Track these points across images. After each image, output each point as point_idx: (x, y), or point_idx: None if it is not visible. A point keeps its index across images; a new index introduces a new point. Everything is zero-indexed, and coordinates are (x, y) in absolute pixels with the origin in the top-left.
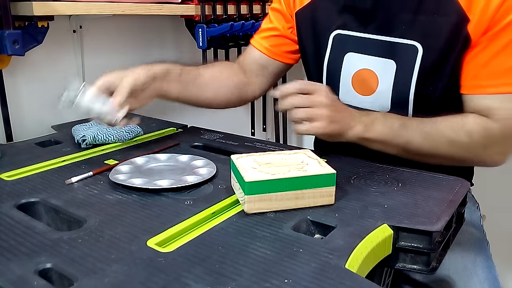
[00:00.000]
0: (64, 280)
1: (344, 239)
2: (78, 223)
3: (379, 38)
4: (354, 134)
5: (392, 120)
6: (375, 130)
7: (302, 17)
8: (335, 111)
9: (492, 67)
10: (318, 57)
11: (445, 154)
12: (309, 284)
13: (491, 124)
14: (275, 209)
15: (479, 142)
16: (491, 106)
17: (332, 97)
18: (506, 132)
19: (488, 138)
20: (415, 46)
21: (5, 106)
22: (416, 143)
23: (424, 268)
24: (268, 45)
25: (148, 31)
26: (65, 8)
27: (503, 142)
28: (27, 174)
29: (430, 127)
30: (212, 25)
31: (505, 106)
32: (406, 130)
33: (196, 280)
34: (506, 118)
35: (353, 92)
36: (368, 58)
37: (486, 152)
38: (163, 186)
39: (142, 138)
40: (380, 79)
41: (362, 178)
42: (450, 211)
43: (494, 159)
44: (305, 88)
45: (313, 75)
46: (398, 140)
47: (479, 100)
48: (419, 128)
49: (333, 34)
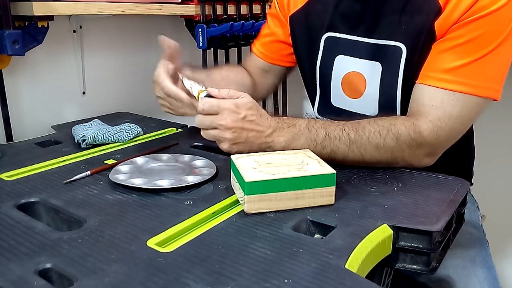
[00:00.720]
0: (64, 280)
1: (344, 239)
2: (78, 223)
3: (366, 40)
4: (276, 149)
5: (316, 132)
6: (297, 145)
7: (296, 20)
8: (240, 132)
9: (444, 60)
10: (311, 60)
11: (371, 159)
12: (309, 284)
13: (423, 125)
14: (275, 209)
15: (406, 144)
16: (429, 103)
17: (242, 116)
18: (438, 133)
19: (416, 140)
20: (399, 47)
21: (5, 106)
22: (341, 152)
23: (424, 268)
24: (266, 51)
25: (148, 31)
26: (65, 8)
27: (432, 144)
28: (27, 174)
29: (355, 134)
30: (212, 25)
31: (442, 107)
32: (330, 140)
33: (196, 280)
34: (439, 119)
35: (342, 95)
36: (357, 61)
37: (413, 155)
38: (163, 186)
39: (142, 138)
40: (368, 81)
41: (362, 178)
42: (450, 211)
43: (421, 161)
44: (210, 110)
45: (308, 78)
46: (322, 151)
47: (423, 92)
48: (343, 137)
49: (325, 36)
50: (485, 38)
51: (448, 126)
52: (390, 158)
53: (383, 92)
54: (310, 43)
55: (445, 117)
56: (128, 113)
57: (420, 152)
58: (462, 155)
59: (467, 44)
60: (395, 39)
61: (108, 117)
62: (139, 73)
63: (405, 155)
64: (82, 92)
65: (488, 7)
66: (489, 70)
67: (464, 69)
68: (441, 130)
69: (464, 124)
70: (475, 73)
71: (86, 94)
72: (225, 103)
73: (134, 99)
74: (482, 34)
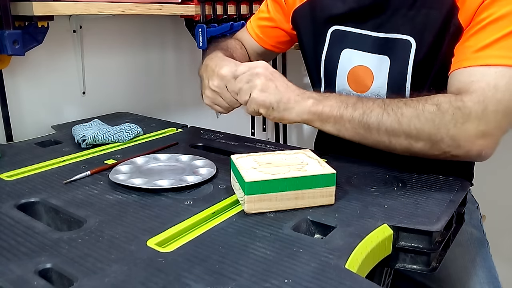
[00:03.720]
0: (64, 280)
1: (344, 239)
2: (78, 223)
3: (375, 34)
4: (300, 108)
5: (347, 97)
6: (327, 103)
7: (301, 13)
8: (269, 80)
9: (475, 42)
10: (316, 53)
11: (411, 128)
12: (309, 284)
13: (465, 97)
14: (275, 209)
15: (449, 114)
16: (469, 79)
17: (271, 70)
18: (485, 103)
19: (460, 110)
20: (408, 41)
21: (5, 106)
22: (375, 115)
23: (424, 268)
24: (264, 37)
25: (148, 31)
26: (65, 8)
27: (481, 117)
28: (27, 174)
29: (390, 101)
30: (212, 25)
31: (484, 80)
32: (362, 103)
33: (196, 280)
34: (483, 89)
35: (348, 89)
36: (364, 55)
37: (461, 130)
38: (163, 186)
39: (142, 138)
40: (375, 75)
41: (362, 178)
42: (450, 211)
43: (475, 143)
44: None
45: (312, 71)
46: (353, 114)
47: (459, 75)
48: (378, 101)
49: (331, 29)
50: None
51: (496, 97)
52: (434, 129)
53: (391, 86)
54: (316, 36)
55: (491, 87)
56: (128, 113)
57: (470, 127)
58: None
59: (494, 23)
60: (404, 32)
61: (108, 117)
62: (139, 73)
63: (450, 128)
64: (82, 92)
65: None
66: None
67: (500, 43)
68: (487, 100)
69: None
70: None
71: (86, 94)
72: (258, 62)
73: (134, 99)
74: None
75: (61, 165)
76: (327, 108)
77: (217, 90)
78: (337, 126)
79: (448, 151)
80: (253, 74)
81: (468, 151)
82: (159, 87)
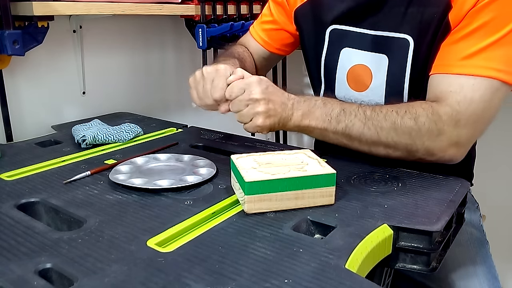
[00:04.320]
0: (64, 280)
1: (344, 239)
2: (78, 223)
3: (373, 33)
4: (293, 123)
5: (332, 106)
6: (313, 118)
7: (302, 12)
8: (268, 102)
9: (460, 48)
10: (316, 52)
11: (388, 140)
12: (309, 284)
13: (441, 108)
14: (275, 209)
15: (425, 128)
16: (448, 89)
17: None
18: (457, 118)
19: (435, 123)
20: (406, 40)
21: (5, 106)
22: (356, 128)
23: (424, 268)
24: (269, 40)
25: (148, 31)
26: (65, 8)
27: (453, 130)
28: (27, 174)
29: (371, 112)
30: (212, 25)
31: (462, 92)
32: (345, 115)
33: (196, 280)
34: (458, 102)
35: (347, 88)
36: (363, 54)
37: (435, 142)
38: (163, 186)
39: (142, 138)
40: (374, 74)
41: (362, 178)
42: (450, 211)
43: (447, 152)
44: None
45: (312, 70)
46: (337, 127)
47: (441, 80)
48: (359, 114)
49: (330, 29)
50: (499, 21)
51: (469, 111)
52: (409, 141)
53: (390, 84)
54: (316, 35)
55: (466, 101)
56: (128, 113)
57: (443, 139)
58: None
59: (481, 29)
60: (401, 31)
61: (108, 117)
62: (139, 73)
63: (425, 140)
64: (82, 92)
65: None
66: (508, 53)
67: (482, 54)
68: (460, 115)
69: (486, 110)
70: (494, 57)
71: (86, 94)
72: (247, 79)
73: (134, 99)
74: (496, 17)
75: (61, 165)
76: (313, 121)
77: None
78: (323, 136)
79: (423, 158)
80: (252, 100)
81: (441, 157)
82: (159, 87)
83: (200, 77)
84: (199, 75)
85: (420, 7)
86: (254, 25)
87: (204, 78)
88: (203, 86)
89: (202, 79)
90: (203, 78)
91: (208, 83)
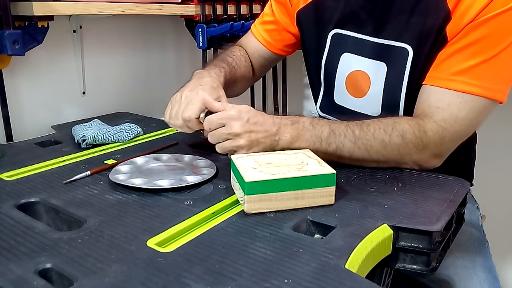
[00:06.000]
0: (64, 280)
1: (344, 239)
2: (78, 223)
3: (373, 40)
4: (281, 146)
5: (321, 128)
6: (303, 141)
7: (304, 15)
8: (250, 135)
9: (453, 62)
10: (317, 56)
11: (379, 157)
12: (309, 284)
13: (427, 125)
14: (275, 209)
15: (412, 143)
16: (436, 105)
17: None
18: (442, 134)
19: (421, 139)
20: (406, 49)
21: (5, 106)
22: (347, 149)
23: (424, 268)
24: (271, 40)
25: (148, 31)
26: (65, 8)
27: (437, 145)
28: (27, 174)
29: (360, 131)
30: (212, 25)
31: (448, 109)
32: (335, 137)
33: (196, 280)
34: (444, 120)
35: (346, 94)
36: (362, 60)
37: (420, 155)
38: (163, 186)
39: (142, 138)
40: (372, 81)
41: (362, 178)
42: (450, 211)
43: (430, 162)
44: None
45: (312, 73)
46: (328, 149)
47: (430, 93)
48: (349, 134)
49: (332, 33)
50: (494, 39)
51: (454, 128)
52: (398, 157)
53: (387, 93)
54: (317, 38)
55: (451, 119)
56: (128, 113)
57: (428, 152)
58: (463, 159)
59: (475, 45)
60: (402, 40)
61: (108, 117)
62: (139, 73)
63: (412, 154)
64: (82, 92)
65: (497, 9)
66: (498, 71)
67: (473, 71)
68: (445, 131)
69: (470, 127)
70: (484, 75)
71: (86, 94)
72: (226, 113)
73: (134, 99)
74: (491, 34)
75: (61, 165)
76: (303, 144)
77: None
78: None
79: (410, 168)
80: (231, 134)
81: (426, 167)
82: (159, 87)
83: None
84: (179, 96)
85: (422, 17)
86: (255, 25)
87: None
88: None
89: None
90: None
91: (182, 105)
